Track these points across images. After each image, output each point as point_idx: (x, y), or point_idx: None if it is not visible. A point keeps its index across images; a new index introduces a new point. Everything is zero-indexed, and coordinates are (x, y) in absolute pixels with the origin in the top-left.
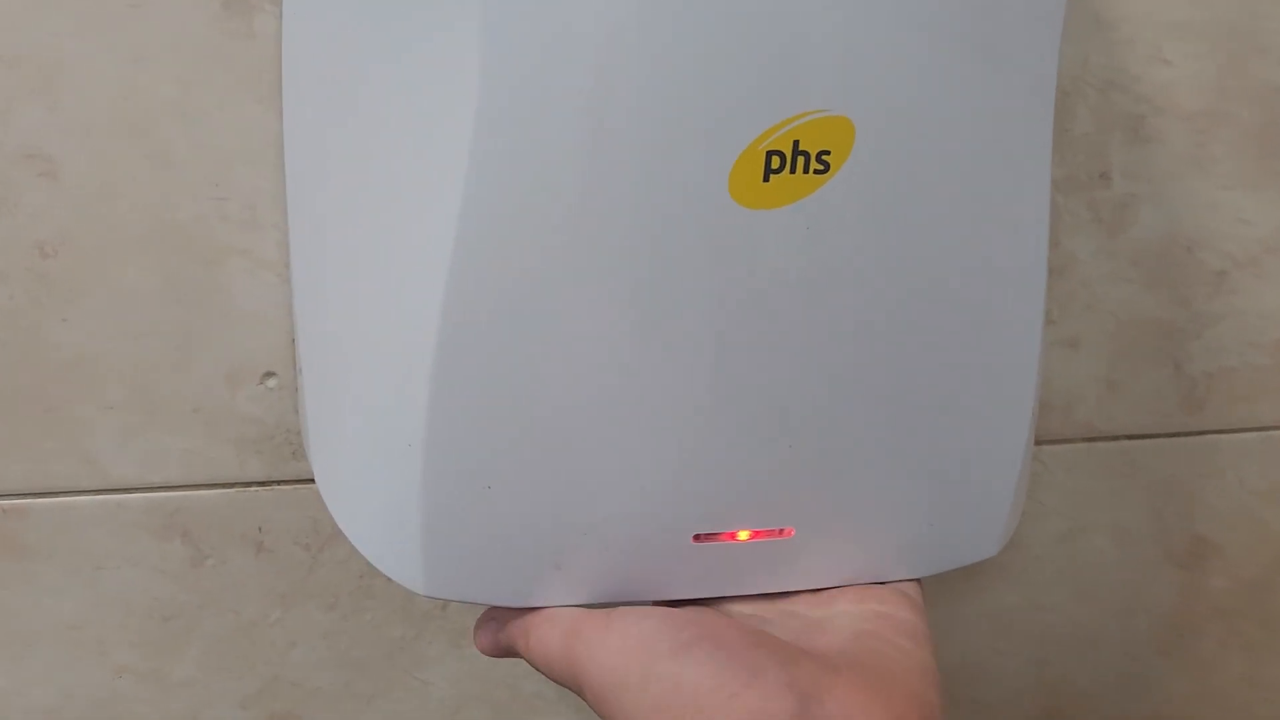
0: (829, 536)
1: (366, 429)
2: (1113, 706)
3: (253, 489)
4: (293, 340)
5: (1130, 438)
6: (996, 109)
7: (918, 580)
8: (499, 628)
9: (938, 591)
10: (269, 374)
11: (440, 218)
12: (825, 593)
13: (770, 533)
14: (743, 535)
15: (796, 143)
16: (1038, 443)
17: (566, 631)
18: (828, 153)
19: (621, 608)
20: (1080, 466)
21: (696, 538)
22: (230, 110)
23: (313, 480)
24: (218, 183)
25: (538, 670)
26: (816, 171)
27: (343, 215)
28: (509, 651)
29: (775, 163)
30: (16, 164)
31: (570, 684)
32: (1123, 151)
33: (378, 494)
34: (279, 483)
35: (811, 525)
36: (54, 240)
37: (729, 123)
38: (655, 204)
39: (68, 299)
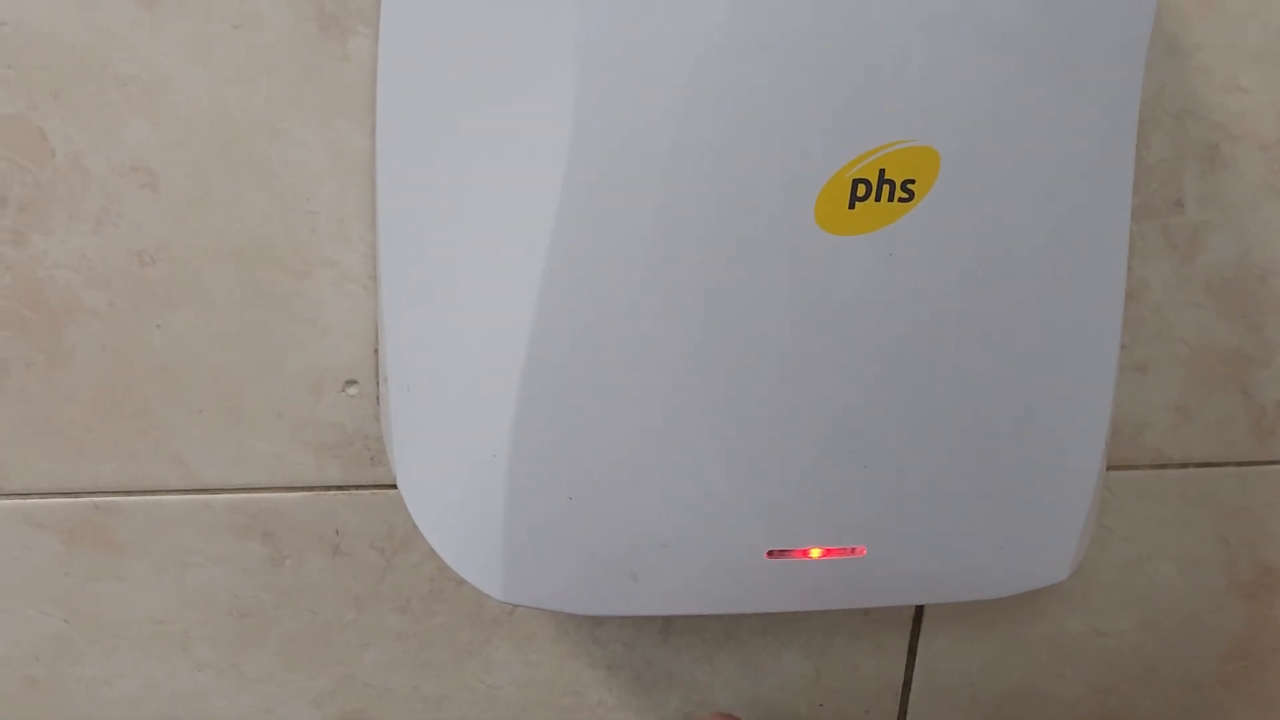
0: (900, 557)
1: (453, 438)
2: None
3: (331, 492)
4: (375, 350)
5: (1199, 465)
6: (1079, 139)
7: None
8: None
9: (1001, 615)
10: (351, 382)
11: (532, 238)
12: None
13: (842, 551)
14: (815, 553)
15: (882, 171)
16: (1108, 468)
17: None
18: (913, 181)
19: None
20: (1148, 493)
21: (770, 554)
22: (323, 128)
23: (389, 486)
24: (309, 197)
25: None
26: (901, 200)
27: (436, 231)
28: None
29: (861, 190)
30: (123, 176)
31: None
32: (1197, 179)
33: (461, 501)
34: (356, 487)
35: (883, 545)
36: (152, 249)
37: (817, 151)
38: (743, 229)
39: (163, 306)
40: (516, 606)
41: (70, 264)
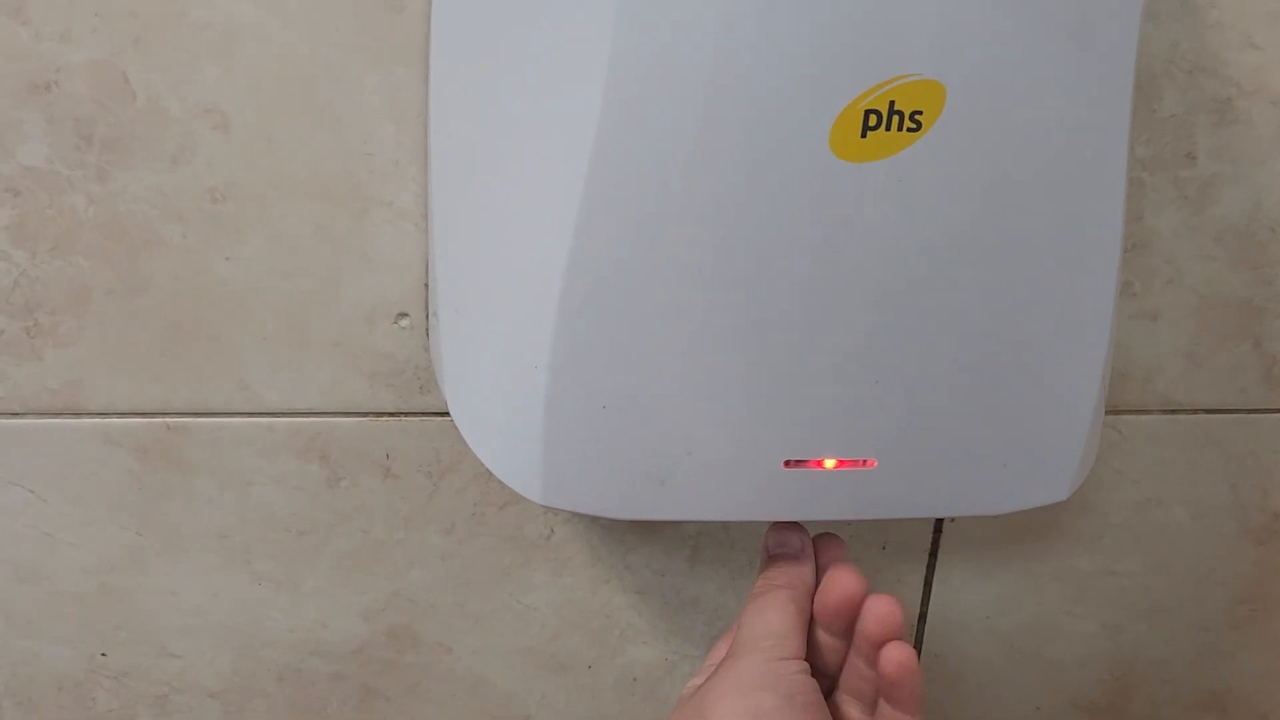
0: (908, 470)
1: (498, 356)
2: (1183, 676)
3: (384, 419)
4: (425, 285)
5: (1209, 411)
6: (1078, 80)
7: None
8: None
9: (1014, 552)
10: (403, 314)
11: (570, 171)
12: None
13: (854, 462)
14: (829, 464)
15: (892, 103)
16: (1118, 412)
17: None
18: (920, 113)
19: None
20: (1159, 437)
21: (786, 464)
22: (381, 75)
23: (437, 414)
24: (366, 139)
25: None
26: (909, 129)
27: (484, 165)
28: None
29: (873, 120)
30: (197, 117)
31: None
32: (1209, 133)
33: (505, 413)
34: (407, 414)
35: (893, 458)
36: (223, 187)
37: (832, 83)
38: (764, 157)
39: (232, 240)
40: (553, 532)
41: (148, 199)
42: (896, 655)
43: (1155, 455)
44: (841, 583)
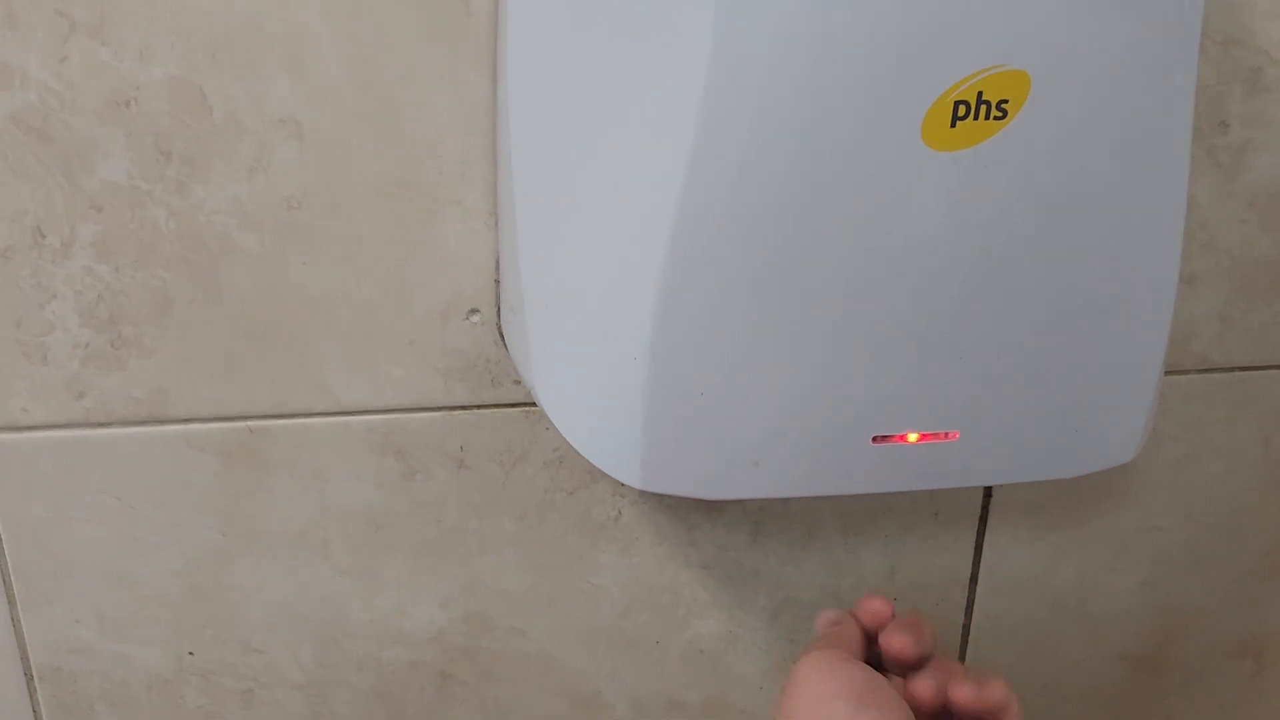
0: (987, 440)
1: (593, 348)
2: (1220, 626)
3: (457, 412)
4: (495, 280)
5: (1244, 369)
6: (1147, 63)
7: None
8: None
9: (1061, 513)
10: (474, 310)
11: (669, 165)
12: None
13: (938, 435)
14: (913, 437)
15: (980, 93)
16: None
17: None
18: (1006, 101)
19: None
20: (1196, 396)
21: (874, 439)
22: (448, 78)
23: (508, 405)
24: (435, 142)
25: None
26: (996, 118)
27: (574, 161)
28: None
29: (961, 110)
30: (272, 128)
31: None
32: (1241, 102)
33: (602, 403)
34: (479, 407)
35: (973, 429)
36: (299, 194)
37: (924, 77)
38: (860, 148)
39: (309, 245)
40: (620, 514)
41: (226, 209)
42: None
43: (1192, 414)
44: (872, 607)
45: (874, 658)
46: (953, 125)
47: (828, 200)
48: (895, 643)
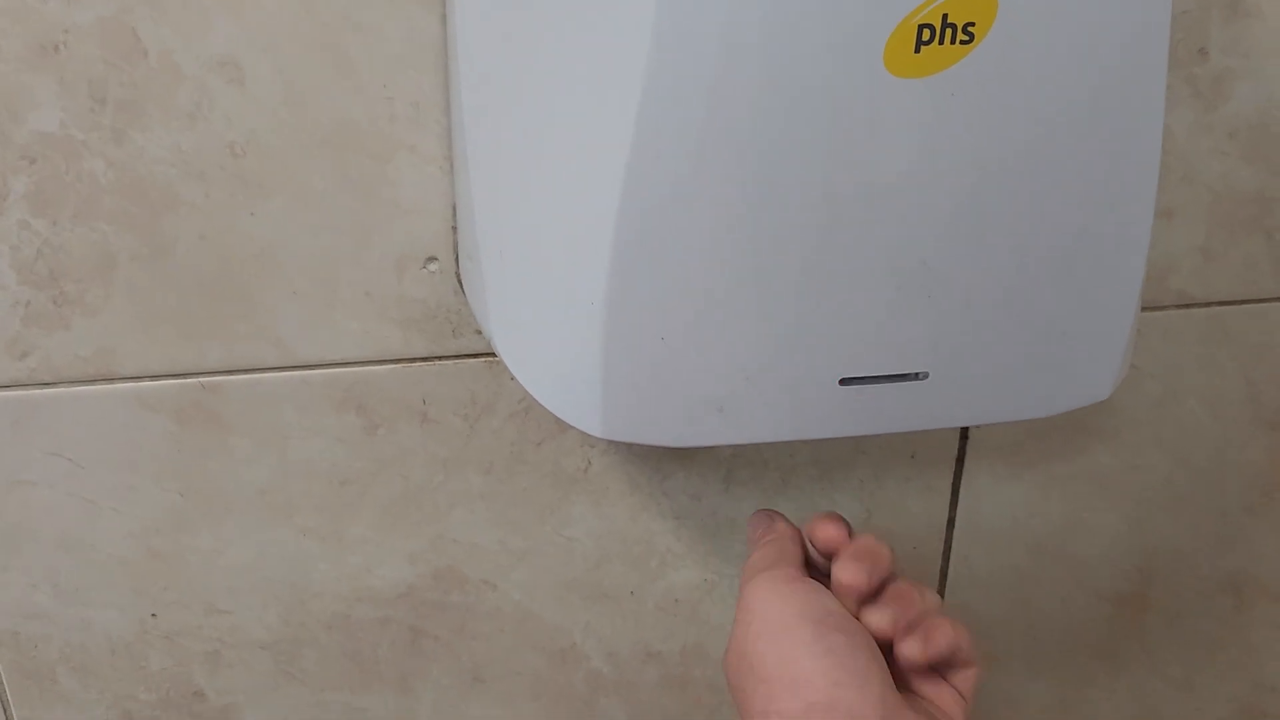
0: (960, 379)
1: (549, 294)
2: (1204, 563)
3: (417, 364)
4: (453, 228)
5: (1223, 304)
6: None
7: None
8: None
9: (1039, 454)
10: (431, 259)
11: (620, 102)
12: None
13: (908, 375)
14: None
15: (945, 15)
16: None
17: None
18: (973, 24)
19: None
20: (1175, 333)
21: (842, 381)
22: (397, 18)
23: (470, 355)
24: (385, 84)
25: None
26: (962, 42)
27: (523, 103)
28: None
29: (925, 35)
30: (211, 71)
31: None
32: (1221, 27)
33: (559, 351)
34: (440, 358)
35: (944, 369)
36: (242, 141)
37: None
38: (818, 76)
39: (256, 195)
40: (590, 464)
41: (167, 159)
42: (923, 648)
43: (1172, 351)
44: (825, 528)
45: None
46: (916, 50)
47: (788, 134)
48: (846, 576)
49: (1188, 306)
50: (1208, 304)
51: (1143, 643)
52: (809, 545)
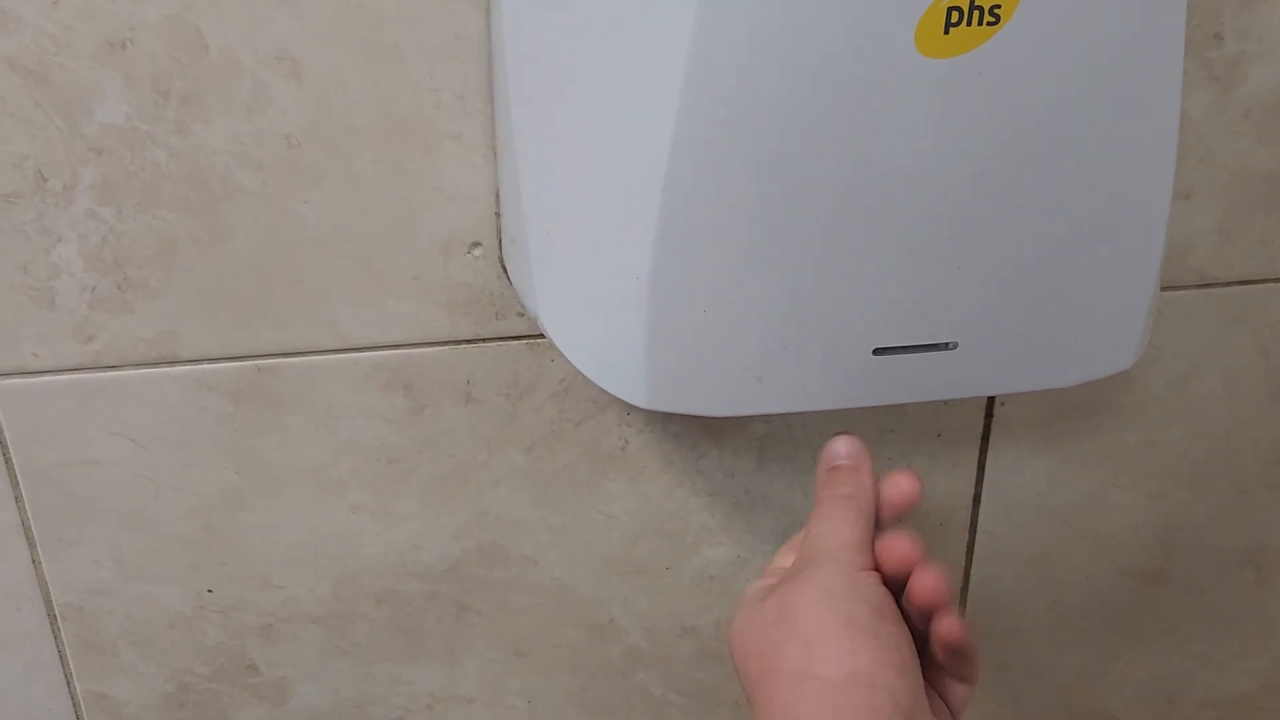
0: (988, 348)
1: (596, 272)
2: (1222, 536)
3: (462, 346)
4: (496, 214)
5: (1241, 283)
6: None
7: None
8: None
9: (1062, 431)
10: (476, 244)
11: (664, 84)
12: None
13: (937, 345)
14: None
15: None
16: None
17: None
18: (998, 6)
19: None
20: (1194, 311)
21: (875, 351)
22: (442, 13)
23: (514, 338)
24: (432, 76)
25: None
26: (989, 23)
27: (571, 89)
28: None
29: (954, 17)
30: (269, 66)
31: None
32: (1236, 12)
33: (605, 325)
34: (484, 340)
35: (973, 338)
36: (298, 132)
37: None
38: (853, 58)
39: (310, 184)
40: (627, 443)
41: (226, 149)
42: (948, 627)
43: (1191, 329)
44: (900, 485)
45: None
46: (946, 32)
47: (823, 113)
48: (928, 584)
49: (1207, 286)
50: (1226, 283)
51: (1164, 617)
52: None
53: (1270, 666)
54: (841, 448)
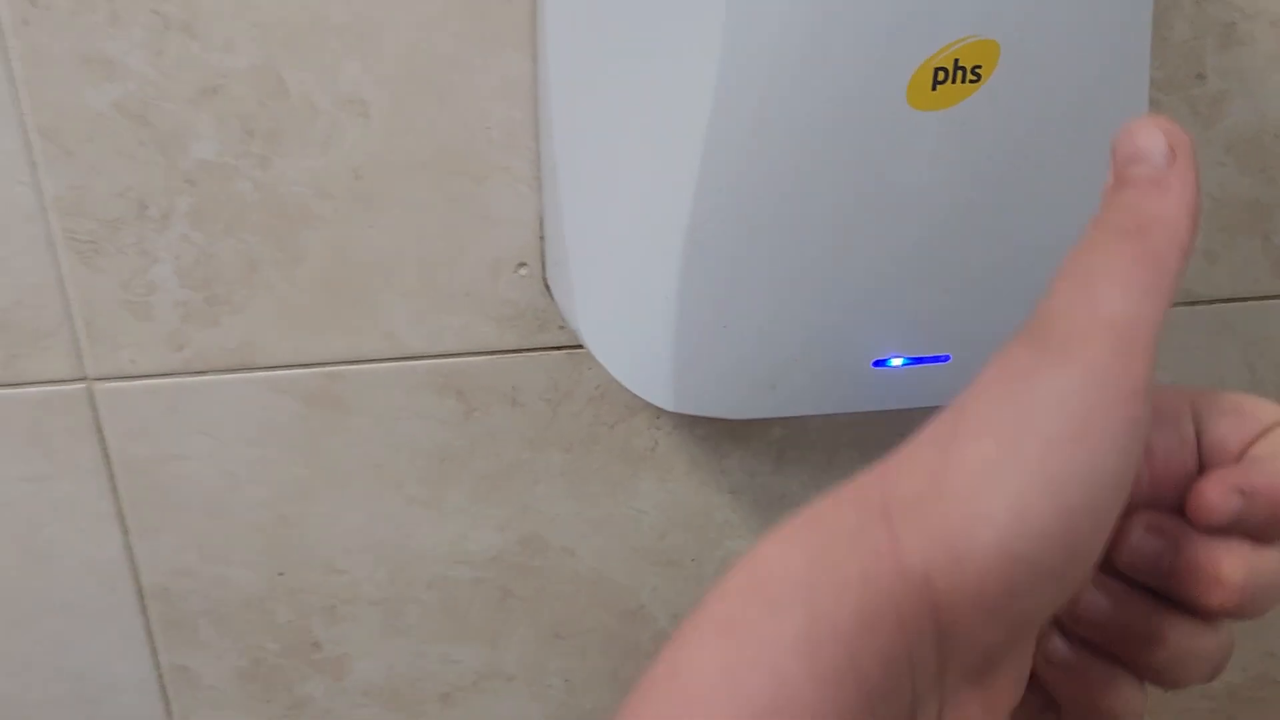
0: (979, 362)
1: (631, 291)
2: None
3: (508, 356)
4: (540, 237)
5: (1226, 301)
6: (1104, 30)
7: None
8: None
9: None
10: (522, 264)
11: (693, 129)
12: None
13: (931, 358)
14: (897, 362)
15: (956, 60)
16: None
17: None
18: (979, 67)
19: None
20: (1182, 327)
21: (874, 363)
22: (494, 58)
23: (555, 348)
24: (484, 116)
25: None
26: (971, 81)
27: (608, 130)
28: None
29: (940, 75)
30: (341, 108)
31: None
32: (1216, 54)
33: (638, 336)
34: (528, 350)
35: (964, 352)
36: (365, 166)
37: (907, 48)
38: (856, 110)
39: (374, 211)
40: (657, 445)
41: (303, 180)
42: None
43: (1180, 343)
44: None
45: None
46: (933, 89)
47: (831, 158)
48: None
49: (1194, 304)
50: (1211, 301)
51: None
52: None
53: (1259, 660)
54: (1143, 138)
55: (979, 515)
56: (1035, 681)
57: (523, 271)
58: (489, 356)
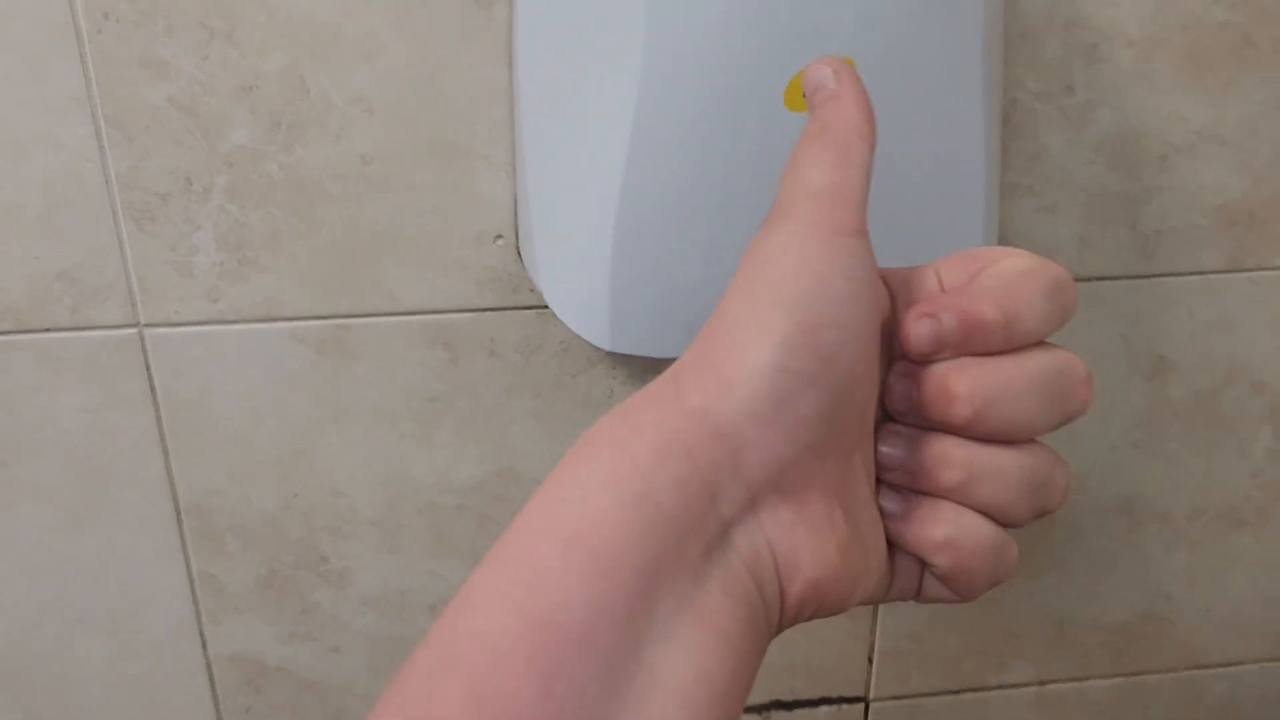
0: None
1: (579, 254)
2: (1098, 488)
3: (488, 313)
4: (514, 214)
5: (1100, 279)
6: (940, 52)
7: None
8: None
9: None
10: (499, 236)
11: (621, 127)
12: None
13: None
14: None
15: None
16: None
17: None
18: None
19: None
20: None
21: None
22: (479, 67)
23: (526, 308)
24: (470, 112)
25: None
26: None
27: (562, 124)
28: None
29: None
30: (351, 104)
31: None
32: (1083, 70)
33: (582, 283)
34: (504, 309)
35: None
36: (371, 154)
37: (785, 62)
38: (750, 111)
39: (379, 191)
40: (612, 393)
41: (319, 165)
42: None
43: None
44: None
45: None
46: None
47: (724, 145)
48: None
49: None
50: (1088, 279)
51: (1053, 556)
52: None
53: (1144, 598)
54: (815, 72)
55: (737, 345)
56: (906, 553)
57: (500, 242)
58: (472, 314)
